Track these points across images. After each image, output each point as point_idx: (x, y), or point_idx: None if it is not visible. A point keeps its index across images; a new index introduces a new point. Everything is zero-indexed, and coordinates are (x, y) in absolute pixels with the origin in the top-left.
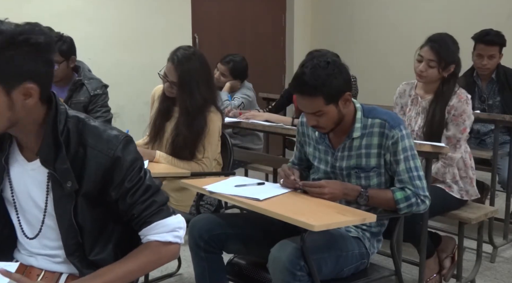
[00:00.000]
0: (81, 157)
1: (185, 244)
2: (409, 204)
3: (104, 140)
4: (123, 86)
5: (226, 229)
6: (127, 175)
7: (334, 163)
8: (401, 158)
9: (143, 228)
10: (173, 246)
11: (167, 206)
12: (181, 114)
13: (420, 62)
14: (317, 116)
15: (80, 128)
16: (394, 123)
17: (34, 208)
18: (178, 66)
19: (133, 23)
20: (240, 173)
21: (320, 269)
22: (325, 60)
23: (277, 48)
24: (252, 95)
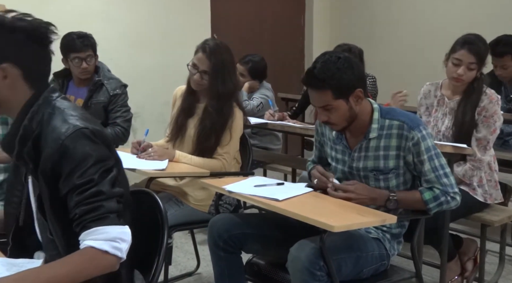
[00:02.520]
0: (35, 147)
1: (204, 243)
2: (439, 203)
3: (52, 132)
4: (143, 86)
5: (245, 229)
6: (76, 170)
7: (351, 163)
8: (425, 158)
9: (82, 231)
10: (110, 257)
11: (116, 215)
12: (211, 99)
13: (457, 65)
14: (327, 111)
15: (46, 118)
16: (413, 124)
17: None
18: (210, 55)
19: (153, 23)
20: (258, 173)
21: (339, 270)
22: (337, 55)
23: (296, 48)
24: (271, 95)
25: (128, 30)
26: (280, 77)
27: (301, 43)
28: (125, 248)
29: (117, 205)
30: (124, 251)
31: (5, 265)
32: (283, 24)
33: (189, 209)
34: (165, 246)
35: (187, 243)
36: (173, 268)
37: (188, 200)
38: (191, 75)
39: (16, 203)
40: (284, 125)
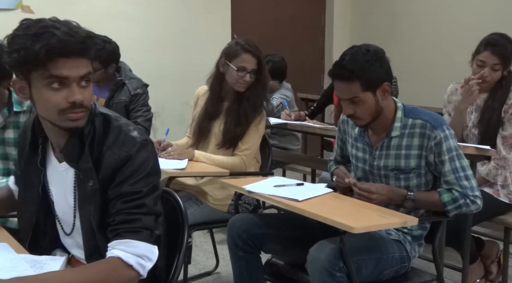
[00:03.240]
0: (98, 157)
1: (223, 243)
2: (457, 206)
3: (120, 141)
4: (164, 86)
5: (264, 229)
6: (129, 178)
7: (372, 161)
8: (446, 159)
9: (114, 239)
10: (132, 273)
11: (150, 232)
12: (262, 89)
13: (481, 67)
14: (354, 104)
15: (105, 127)
16: (436, 123)
17: (67, 208)
18: (255, 52)
19: (174, 24)
20: (278, 173)
21: (359, 271)
22: (366, 48)
23: (316, 48)
24: (291, 95)
25: (149, 30)
26: (300, 77)
27: (321, 43)
28: (149, 267)
29: (153, 223)
30: (147, 270)
31: (28, 261)
32: (304, 24)
33: (208, 208)
34: (185, 245)
35: (206, 242)
36: (192, 267)
37: (207, 199)
38: (238, 79)
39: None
40: (303, 125)
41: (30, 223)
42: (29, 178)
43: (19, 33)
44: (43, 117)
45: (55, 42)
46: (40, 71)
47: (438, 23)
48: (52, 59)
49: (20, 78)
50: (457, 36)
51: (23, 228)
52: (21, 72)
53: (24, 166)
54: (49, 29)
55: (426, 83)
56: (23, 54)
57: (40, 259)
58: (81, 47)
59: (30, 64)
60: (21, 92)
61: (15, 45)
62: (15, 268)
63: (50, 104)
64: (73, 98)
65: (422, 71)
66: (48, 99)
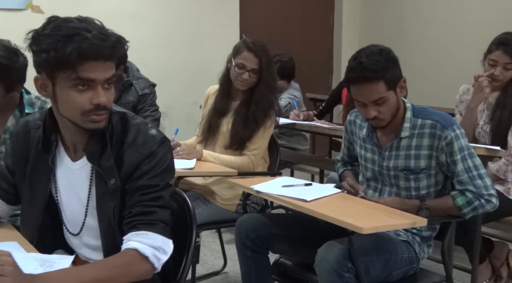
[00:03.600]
0: (120, 155)
1: (231, 242)
2: (473, 208)
3: (141, 139)
4: (172, 85)
5: (272, 229)
6: (148, 173)
7: (381, 162)
8: (458, 158)
9: (130, 232)
10: (147, 265)
11: (165, 225)
12: (267, 91)
13: (493, 66)
14: (378, 105)
15: (123, 125)
16: (446, 123)
17: (78, 207)
18: (258, 52)
19: (183, 24)
20: (286, 173)
21: (367, 272)
22: (379, 48)
23: (324, 48)
24: (299, 95)
25: (157, 30)
26: (309, 77)
27: (330, 43)
28: (163, 261)
29: (169, 217)
30: (162, 263)
31: (38, 260)
32: (312, 24)
33: (216, 208)
34: (193, 245)
35: (214, 242)
36: (200, 267)
37: (215, 199)
38: (237, 75)
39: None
40: (312, 126)
41: (35, 224)
42: (37, 177)
43: (47, 32)
44: (64, 115)
45: (87, 46)
46: (67, 72)
47: (448, 23)
48: (82, 62)
49: (43, 76)
50: (466, 35)
51: (27, 229)
52: (47, 71)
53: (32, 165)
54: (80, 31)
55: (435, 83)
56: (53, 55)
57: (50, 258)
58: (111, 52)
59: (59, 65)
60: (43, 89)
61: (44, 44)
62: (25, 266)
63: (74, 105)
64: (97, 100)
65: (431, 71)
66: (73, 99)
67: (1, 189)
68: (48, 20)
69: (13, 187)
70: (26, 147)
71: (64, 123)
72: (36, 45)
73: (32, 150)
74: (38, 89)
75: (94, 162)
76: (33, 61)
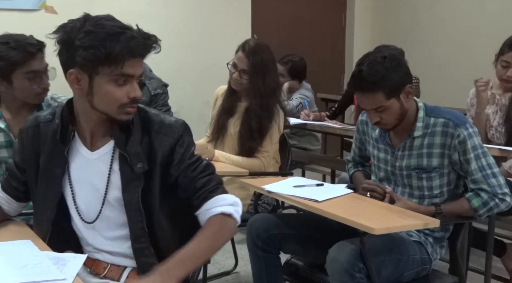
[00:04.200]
0: (147, 142)
1: (242, 242)
2: (488, 209)
3: (167, 125)
4: (184, 85)
5: (284, 229)
6: (186, 153)
7: (394, 162)
8: (472, 157)
9: (205, 202)
10: (233, 221)
11: (223, 186)
12: (254, 98)
13: (506, 67)
14: (379, 112)
15: (142, 116)
16: (459, 121)
17: (93, 198)
18: (249, 54)
19: (194, 24)
20: (297, 173)
21: (379, 272)
22: (382, 55)
23: (336, 49)
24: (311, 95)
25: (169, 30)
26: (320, 78)
27: (341, 44)
28: (240, 212)
29: (219, 177)
30: (240, 216)
31: (51, 259)
32: (324, 24)
33: None
34: None
35: None
36: (211, 267)
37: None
38: (230, 74)
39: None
40: (323, 126)
41: (49, 218)
42: (51, 171)
43: (91, 29)
44: (97, 108)
45: (135, 44)
46: (111, 68)
47: (460, 23)
48: (129, 59)
49: (78, 71)
50: (479, 35)
51: (40, 223)
52: (88, 66)
53: (46, 159)
54: (124, 29)
55: (448, 83)
56: (102, 52)
57: (63, 257)
58: (151, 50)
59: (105, 61)
60: (76, 83)
61: (89, 41)
62: (39, 264)
63: (112, 98)
64: (134, 94)
65: (444, 71)
66: (112, 93)
67: (10, 187)
68: (84, 18)
69: (23, 185)
70: (36, 141)
71: (89, 115)
72: (79, 41)
73: (46, 143)
74: (70, 82)
75: (122, 148)
76: (66, 56)
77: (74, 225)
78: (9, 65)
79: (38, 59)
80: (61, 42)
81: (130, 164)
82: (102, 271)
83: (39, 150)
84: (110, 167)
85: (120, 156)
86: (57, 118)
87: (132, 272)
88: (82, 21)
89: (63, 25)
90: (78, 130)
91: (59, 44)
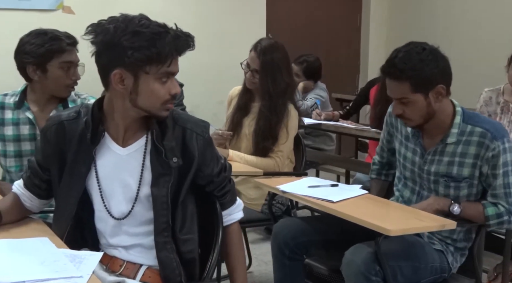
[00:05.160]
0: (180, 138)
1: (256, 242)
2: (500, 222)
3: (199, 125)
4: (198, 85)
5: (311, 236)
6: (215, 153)
7: (423, 166)
8: (500, 173)
9: (230, 206)
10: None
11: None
12: (263, 99)
13: None
14: (403, 104)
15: (173, 115)
16: (498, 134)
17: (124, 194)
18: (261, 54)
19: (209, 24)
20: (311, 174)
21: (395, 277)
22: (422, 46)
23: (351, 48)
24: (325, 95)
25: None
26: (335, 78)
27: (356, 43)
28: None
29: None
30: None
31: (68, 256)
32: (339, 24)
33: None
34: (219, 244)
35: None
36: (225, 266)
37: (241, 198)
38: (244, 74)
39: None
40: (338, 126)
41: (69, 216)
42: (77, 168)
43: (137, 29)
44: (140, 106)
45: (180, 43)
46: (158, 66)
47: (478, 23)
48: (175, 57)
49: (122, 71)
50: (497, 36)
51: (60, 220)
52: (137, 66)
53: (73, 156)
54: (166, 29)
55: (466, 84)
56: (153, 51)
57: (79, 254)
58: (191, 48)
59: (154, 61)
60: (120, 83)
61: (139, 41)
62: (56, 262)
63: (157, 96)
64: (175, 90)
65: (462, 72)
66: (157, 91)
67: (32, 185)
68: (123, 18)
69: (44, 183)
70: (61, 139)
71: (128, 113)
72: (127, 42)
73: (72, 141)
74: (114, 81)
75: (159, 142)
76: (110, 57)
77: (99, 221)
78: (47, 53)
79: (73, 51)
80: (103, 43)
81: (163, 159)
82: (118, 268)
83: (64, 147)
84: (143, 163)
85: (152, 151)
86: (84, 117)
87: (148, 270)
88: (124, 22)
89: (99, 26)
90: (108, 128)
91: (99, 45)
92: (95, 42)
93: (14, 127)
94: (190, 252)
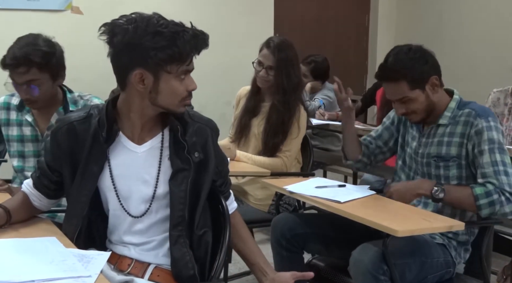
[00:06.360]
0: (200, 134)
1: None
2: (490, 202)
3: (211, 122)
4: (205, 86)
5: (308, 229)
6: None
7: (418, 149)
8: (486, 149)
9: (229, 196)
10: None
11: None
12: (277, 94)
13: None
14: (404, 103)
15: (188, 111)
16: (482, 112)
17: (141, 192)
18: (275, 50)
19: (217, 24)
20: (318, 174)
21: (403, 275)
22: (408, 47)
23: (359, 49)
24: (333, 96)
25: None
26: (343, 78)
27: (365, 44)
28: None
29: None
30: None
31: (76, 255)
32: (347, 24)
33: (249, 208)
34: (227, 244)
35: None
36: (232, 266)
37: (248, 199)
38: (256, 73)
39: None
40: None
41: (80, 215)
42: (89, 168)
43: (158, 29)
44: (159, 104)
45: (199, 42)
46: (178, 65)
47: (486, 23)
48: (194, 56)
49: (143, 70)
50: (506, 36)
51: (71, 220)
52: (158, 66)
53: (86, 157)
54: (183, 28)
55: (473, 83)
56: (176, 51)
57: (87, 254)
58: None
59: (176, 60)
60: (141, 83)
61: (161, 41)
62: (64, 261)
63: (176, 93)
64: (192, 87)
65: (470, 71)
66: (176, 88)
67: (42, 185)
68: (141, 18)
69: (53, 183)
70: (72, 140)
71: (145, 111)
72: (149, 42)
73: (85, 141)
74: (135, 83)
75: (182, 137)
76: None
77: (113, 219)
78: (62, 59)
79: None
80: (123, 43)
81: (184, 154)
82: (126, 267)
83: (76, 148)
84: (160, 159)
85: (171, 147)
86: (96, 117)
87: (156, 269)
88: (142, 21)
89: (115, 26)
90: (122, 127)
91: (117, 46)
92: (112, 43)
93: (18, 127)
94: (203, 247)
